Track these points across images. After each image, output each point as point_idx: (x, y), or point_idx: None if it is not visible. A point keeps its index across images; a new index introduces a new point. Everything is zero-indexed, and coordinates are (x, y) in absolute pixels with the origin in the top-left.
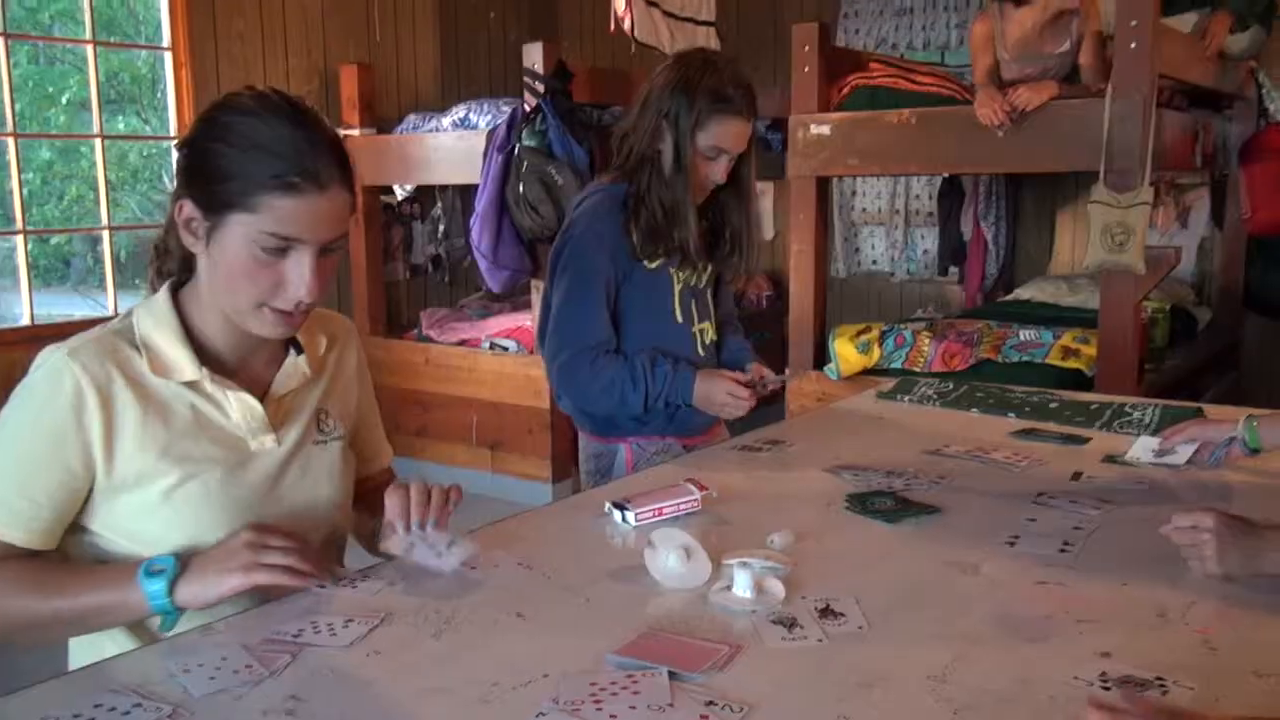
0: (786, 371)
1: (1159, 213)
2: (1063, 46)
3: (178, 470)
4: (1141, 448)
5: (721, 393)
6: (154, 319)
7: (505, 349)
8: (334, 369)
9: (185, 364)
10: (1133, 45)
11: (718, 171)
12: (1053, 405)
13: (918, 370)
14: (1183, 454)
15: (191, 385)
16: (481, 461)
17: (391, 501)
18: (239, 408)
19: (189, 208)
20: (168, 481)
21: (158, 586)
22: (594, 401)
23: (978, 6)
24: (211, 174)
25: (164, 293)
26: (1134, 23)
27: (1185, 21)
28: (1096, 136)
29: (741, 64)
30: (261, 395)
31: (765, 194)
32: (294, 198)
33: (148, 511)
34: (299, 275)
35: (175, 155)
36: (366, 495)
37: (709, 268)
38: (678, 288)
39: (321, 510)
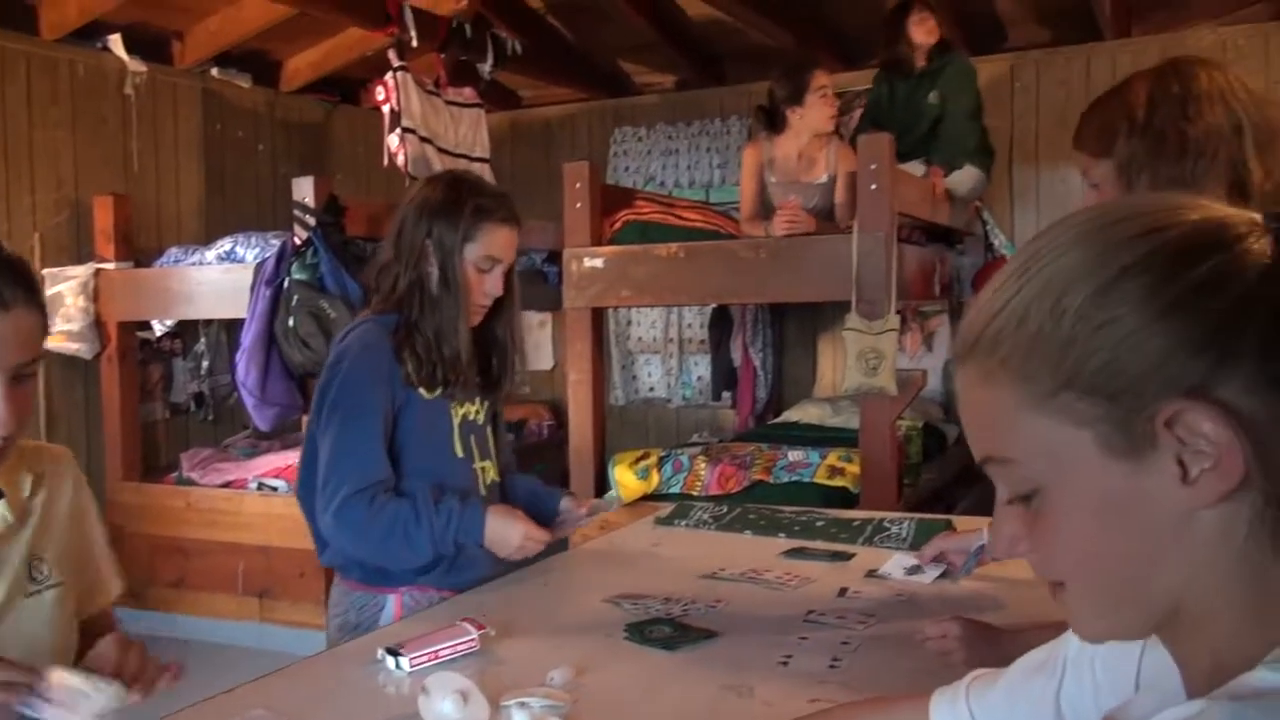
0: (617, 498)
1: (907, 338)
2: (821, 177)
3: None
4: (895, 565)
5: (519, 535)
6: None
7: (274, 489)
8: (44, 510)
9: None
10: (873, 187)
11: (493, 283)
12: (819, 524)
13: (695, 494)
14: (930, 574)
15: None
16: (249, 611)
17: (95, 654)
18: None
19: None
20: None
21: None
22: (375, 546)
23: (738, 149)
24: None
25: None
26: (873, 166)
27: (916, 168)
28: (847, 269)
29: (516, 199)
30: None
31: (544, 325)
32: None
33: None
34: None
35: None
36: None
37: (486, 402)
38: (456, 421)
39: (44, 663)
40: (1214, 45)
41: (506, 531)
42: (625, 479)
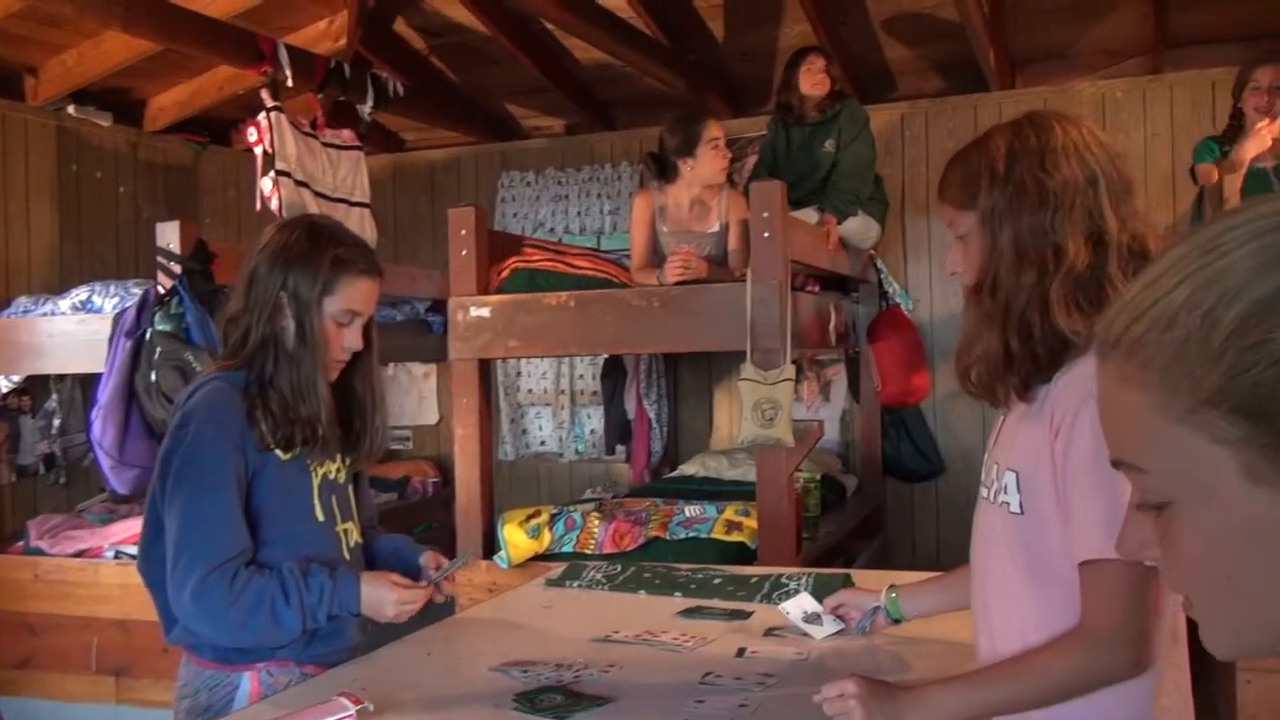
0: (470, 549)
1: (803, 387)
2: (713, 226)
3: None
4: (795, 605)
5: (392, 601)
6: None
7: (133, 557)
8: None
9: None
10: (766, 235)
11: (353, 337)
12: (716, 581)
13: (589, 552)
14: (828, 627)
15: None
16: (104, 692)
17: None
18: None
19: None
20: None
21: None
22: (238, 628)
23: (630, 195)
24: None
25: None
26: (766, 214)
27: (809, 215)
28: (741, 318)
29: (398, 246)
30: None
31: (429, 377)
32: None
33: None
34: None
35: None
36: None
37: (347, 461)
38: (316, 482)
39: None
40: (1093, 98)
41: (381, 597)
42: (515, 538)
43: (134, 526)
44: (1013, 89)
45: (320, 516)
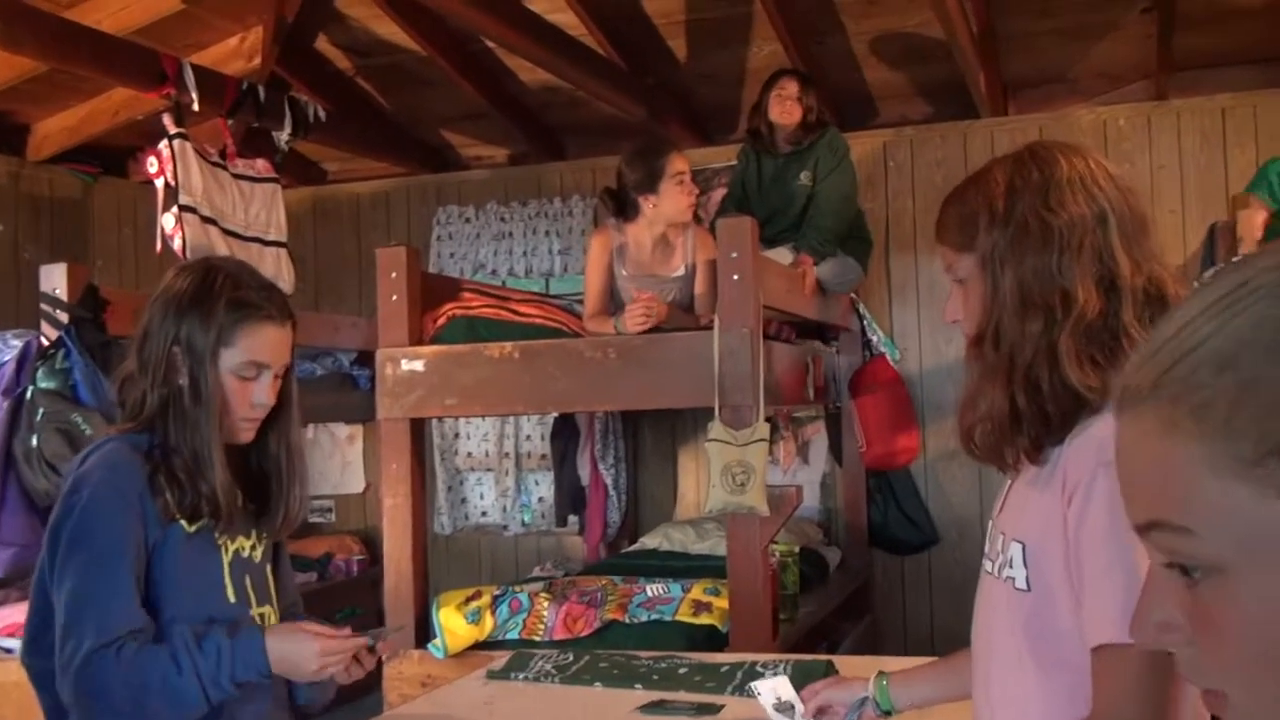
0: (402, 625)
1: (779, 448)
2: (678, 269)
3: None
4: (767, 689)
5: (313, 654)
6: None
7: (9, 651)
8: None
9: None
10: (735, 277)
11: (262, 392)
12: (682, 670)
13: (538, 639)
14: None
15: None
16: None
17: None
18: None
19: None
20: None
21: None
22: (133, 710)
23: (582, 232)
24: None
25: None
26: (734, 254)
27: (783, 255)
28: (708, 370)
29: (320, 290)
30: None
31: (354, 440)
32: None
33: None
34: None
35: None
36: None
37: (262, 536)
38: (227, 559)
39: None
40: (1094, 125)
41: (298, 650)
42: (452, 623)
43: (13, 615)
44: (1005, 115)
45: (232, 598)
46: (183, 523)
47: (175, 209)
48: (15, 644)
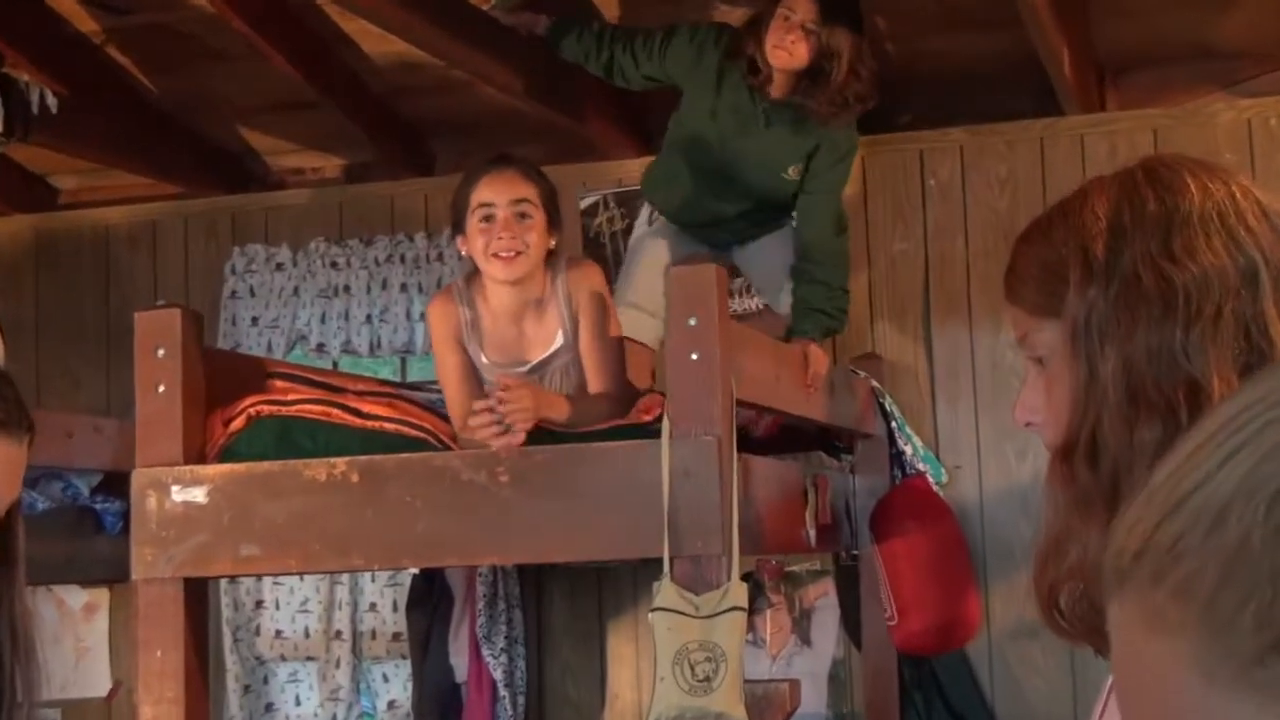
0: None
1: (764, 621)
2: (555, 339)
3: None
4: None
5: None
6: None
7: None
8: None
9: None
10: (694, 356)
11: None
12: None
13: None
14: None
15: None
16: None
17: None
18: None
19: None
20: None
21: None
22: None
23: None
24: None
25: None
26: (692, 320)
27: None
28: (653, 500)
29: (47, 377)
30: None
31: (94, 612)
32: None
33: None
34: None
35: None
36: None
37: None
38: None
39: None
40: (1234, 127)
41: None
42: None
43: None
44: (1102, 111)
45: None
46: None
47: None
48: None
